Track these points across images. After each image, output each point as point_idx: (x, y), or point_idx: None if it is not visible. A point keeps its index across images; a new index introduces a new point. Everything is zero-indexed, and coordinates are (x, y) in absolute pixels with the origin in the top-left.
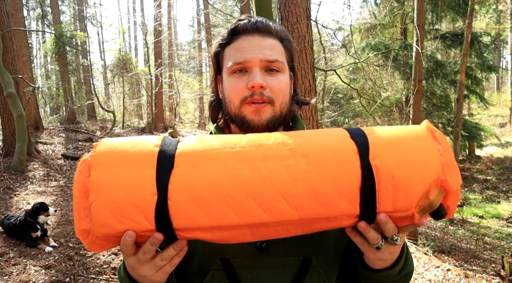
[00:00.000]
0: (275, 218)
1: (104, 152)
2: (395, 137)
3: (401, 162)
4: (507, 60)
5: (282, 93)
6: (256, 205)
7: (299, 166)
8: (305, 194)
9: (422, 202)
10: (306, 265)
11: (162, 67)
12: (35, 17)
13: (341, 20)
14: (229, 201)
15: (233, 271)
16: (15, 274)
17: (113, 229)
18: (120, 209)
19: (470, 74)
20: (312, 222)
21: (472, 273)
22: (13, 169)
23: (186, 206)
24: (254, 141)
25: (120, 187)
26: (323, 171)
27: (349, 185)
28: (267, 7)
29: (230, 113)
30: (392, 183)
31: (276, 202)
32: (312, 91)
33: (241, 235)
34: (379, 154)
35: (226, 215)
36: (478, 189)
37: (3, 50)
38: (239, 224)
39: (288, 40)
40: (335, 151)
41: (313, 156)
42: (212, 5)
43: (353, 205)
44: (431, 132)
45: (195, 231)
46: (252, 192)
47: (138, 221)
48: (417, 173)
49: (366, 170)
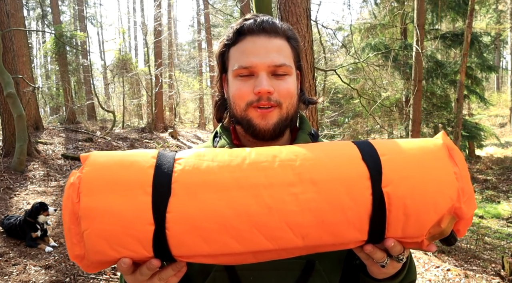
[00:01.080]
0: (279, 246)
1: (94, 174)
2: (409, 159)
3: (415, 190)
4: (507, 60)
5: (289, 96)
6: (260, 235)
7: (307, 195)
8: (312, 224)
9: (433, 230)
10: (309, 269)
11: (162, 67)
12: (35, 17)
13: (341, 20)
14: (231, 231)
15: (235, 272)
16: (15, 274)
17: (109, 256)
18: (115, 239)
19: (470, 74)
20: (318, 248)
21: (472, 273)
22: (13, 169)
23: (186, 236)
24: (258, 163)
25: (113, 216)
26: (332, 200)
27: (359, 215)
28: (267, 7)
29: (236, 115)
30: (404, 211)
31: (282, 232)
32: (312, 91)
33: (243, 259)
34: (392, 181)
35: (229, 244)
36: (478, 189)
37: (3, 50)
38: (241, 252)
39: (295, 39)
40: (345, 177)
41: (321, 183)
42: (212, 5)
43: (362, 233)
44: (448, 150)
45: (195, 258)
46: (256, 223)
47: (135, 250)
48: (431, 202)
49: (377, 198)
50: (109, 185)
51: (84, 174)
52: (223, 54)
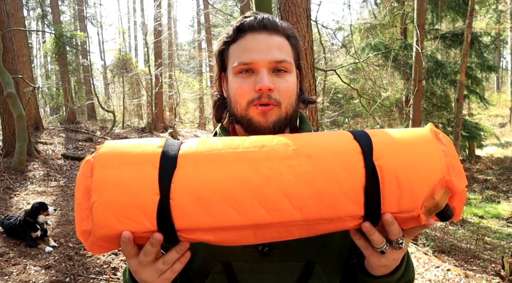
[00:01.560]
0: (278, 219)
1: (107, 153)
2: (399, 139)
3: (406, 163)
4: (507, 60)
5: (289, 95)
6: (259, 206)
7: (303, 167)
8: (309, 195)
9: (427, 202)
10: (308, 271)
11: (162, 67)
12: (35, 17)
13: (341, 20)
14: (232, 202)
15: (234, 274)
16: (15, 274)
17: (114, 230)
18: (121, 210)
19: (470, 74)
20: (316, 223)
21: (472, 273)
22: (13, 169)
23: (189, 206)
24: (257, 142)
25: (122, 187)
26: (326, 171)
27: (353, 186)
28: (267, 7)
29: (236, 114)
30: (396, 183)
31: (280, 203)
32: (312, 91)
33: (244, 237)
34: (383, 155)
35: (229, 215)
36: (478, 189)
37: (3, 50)
38: (242, 225)
39: (295, 38)
40: (338, 152)
41: (316, 157)
42: (212, 5)
43: (358, 206)
44: (435, 134)
45: (197, 232)
46: (255, 193)
47: (140, 222)
48: (422, 174)
49: (370, 170)
50: (120, 161)
51: (99, 152)
52: (223, 52)
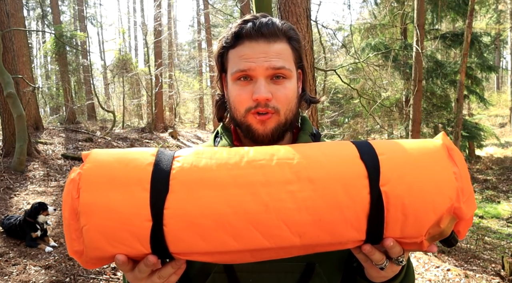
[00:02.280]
0: (276, 245)
1: (93, 171)
2: (408, 158)
3: (413, 189)
4: (507, 60)
5: (288, 101)
6: (257, 233)
7: (304, 193)
8: (309, 222)
9: (432, 230)
10: (309, 272)
11: (162, 67)
12: (35, 17)
13: (341, 20)
14: (228, 228)
15: (235, 274)
16: (15, 274)
17: (107, 252)
18: (113, 234)
19: (470, 74)
20: (315, 247)
21: (472, 273)
22: (13, 169)
23: (183, 233)
24: (255, 161)
25: (112, 212)
26: (329, 198)
27: (356, 214)
28: (267, 7)
29: (236, 119)
30: (402, 211)
31: (278, 230)
32: (312, 91)
33: (241, 258)
34: (390, 180)
35: (226, 242)
36: (478, 189)
37: (3, 50)
38: (238, 250)
39: (296, 40)
40: (343, 176)
41: (319, 181)
42: (212, 5)
43: (360, 232)
44: (448, 150)
45: (193, 255)
46: (253, 220)
47: (133, 246)
48: (430, 202)
49: (375, 197)
50: (108, 182)
51: (84, 170)
52: (222, 55)
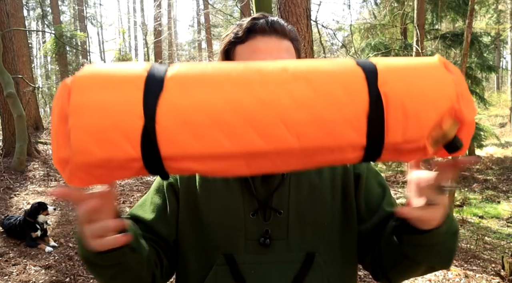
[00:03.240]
0: (273, 146)
1: (86, 75)
2: (405, 65)
3: (413, 89)
4: (507, 60)
5: None
6: (253, 132)
7: (302, 91)
8: (307, 121)
9: (435, 132)
10: (309, 261)
11: None
12: (35, 17)
13: (341, 20)
14: (223, 126)
15: (237, 266)
16: (15, 274)
17: (94, 156)
18: (102, 134)
19: (470, 74)
20: (314, 153)
21: (472, 273)
22: (13, 169)
23: (176, 130)
24: (252, 65)
25: (103, 110)
26: (327, 96)
27: (356, 113)
28: (267, 7)
29: None
30: (402, 111)
31: (276, 128)
32: None
33: (235, 167)
34: (389, 81)
35: (220, 142)
36: (478, 189)
37: (3, 50)
38: (233, 152)
39: (297, 41)
40: (340, 76)
41: (316, 81)
42: (212, 5)
43: (359, 134)
44: (444, 64)
45: (185, 161)
46: (249, 117)
47: (122, 147)
48: (430, 101)
49: (374, 97)
50: (101, 83)
51: (77, 75)
52: (228, 51)
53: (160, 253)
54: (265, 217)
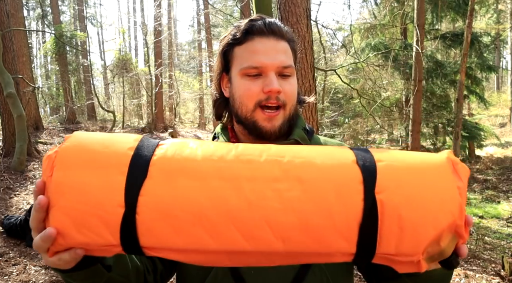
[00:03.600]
0: (257, 248)
1: (71, 149)
2: (409, 167)
3: (412, 200)
4: (507, 60)
5: (293, 97)
6: (236, 232)
7: (292, 192)
8: (294, 226)
9: (431, 248)
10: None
11: (162, 67)
12: (35, 17)
13: (341, 20)
14: (206, 224)
15: (237, 267)
16: (15, 274)
17: (73, 239)
18: (81, 219)
19: (470, 74)
20: (300, 256)
21: (472, 273)
22: (13, 169)
23: (157, 224)
24: (244, 155)
25: (83, 194)
26: (318, 201)
27: (347, 221)
28: (267, 7)
29: (241, 116)
30: (398, 223)
31: (260, 231)
32: (312, 91)
33: (218, 261)
34: (387, 188)
35: (202, 239)
36: (478, 189)
37: (3, 50)
38: (215, 250)
39: (294, 42)
40: (335, 178)
41: (308, 182)
42: (212, 5)
43: (350, 243)
44: (453, 164)
45: (165, 251)
46: (233, 217)
47: (101, 234)
48: (430, 215)
49: (369, 205)
50: (84, 162)
51: (61, 148)
52: (227, 52)
53: (154, 258)
54: None
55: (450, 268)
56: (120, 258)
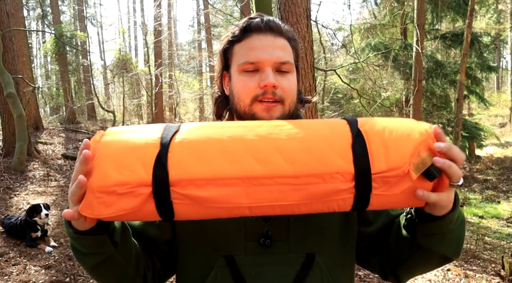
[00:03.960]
0: (270, 172)
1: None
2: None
3: (389, 127)
4: (507, 60)
5: (291, 93)
6: (252, 158)
7: (294, 130)
8: (299, 149)
9: (414, 159)
10: (309, 262)
11: (162, 67)
12: (35, 17)
13: (341, 20)
14: (226, 153)
15: (237, 268)
16: (15, 274)
17: (110, 179)
18: (121, 160)
19: (470, 74)
20: (308, 182)
21: (472, 273)
22: (13, 169)
23: (185, 157)
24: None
25: (125, 143)
26: (316, 133)
27: (341, 143)
28: (267, 7)
29: (239, 111)
30: (382, 143)
31: (272, 156)
32: (312, 91)
33: (236, 195)
34: (367, 123)
35: (222, 166)
36: (478, 189)
37: (3, 50)
38: (234, 177)
39: (295, 40)
40: (327, 123)
41: (306, 125)
42: (212, 5)
43: (347, 161)
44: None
45: (190, 186)
46: (249, 147)
47: (136, 171)
48: (405, 134)
49: (355, 133)
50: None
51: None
52: (227, 50)
53: (153, 256)
54: (265, 218)
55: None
56: (126, 240)
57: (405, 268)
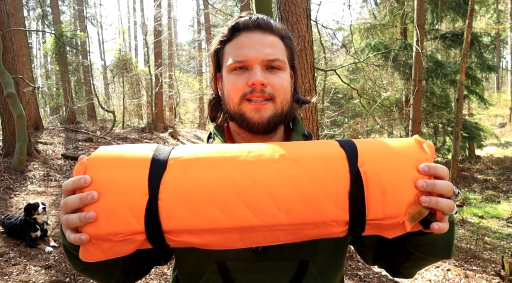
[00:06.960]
0: (264, 222)
1: (100, 155)
2: (383, 145)
3: (389, 167)
4: (507, 60)
5: (283, 90)
6: (245, 208)
7: (289, 170)
8: (294, 197)
9: (411, 209)
10: (302, 270)
11: (162, 67)
12: (35, 17)
13: (341, 20)
14: (219, 203)
15: (229, 274)
16: (15, 274)
17: (103, 229)
18: (110, 209)
19: (470, 74)
20: (302, 228)
21: (472, 273)
22: (13, 169)
23: (177, 207)
24: (246, 148)
25: (112, 186)
26: (312, 174)
27: (338, 190)
28: (267, 7)
29: (229, 111)
30: (380, 188)
31: (265, 205)
32: (312, 91)
33: (230, 241)
34: (368, 160)
35: (216, 217)
36: (478, 189)
37: (3, 50)
38: (228, 227)
39: (289, 38)
40: (324, 157)
41: (302, 161)
42: (212, 5)
43: (342, 210)
44: (419, 143)
45: (184, 234)
46: (242, 195)
47: (128, 222)
48: (406, 179)
49: (354, 175)
50: (113, 163)
51: (92, 155)
52: (218, 51)
53: (136, 254)
54: None
55: (428, 225)
56: None
57: (406, 267)
